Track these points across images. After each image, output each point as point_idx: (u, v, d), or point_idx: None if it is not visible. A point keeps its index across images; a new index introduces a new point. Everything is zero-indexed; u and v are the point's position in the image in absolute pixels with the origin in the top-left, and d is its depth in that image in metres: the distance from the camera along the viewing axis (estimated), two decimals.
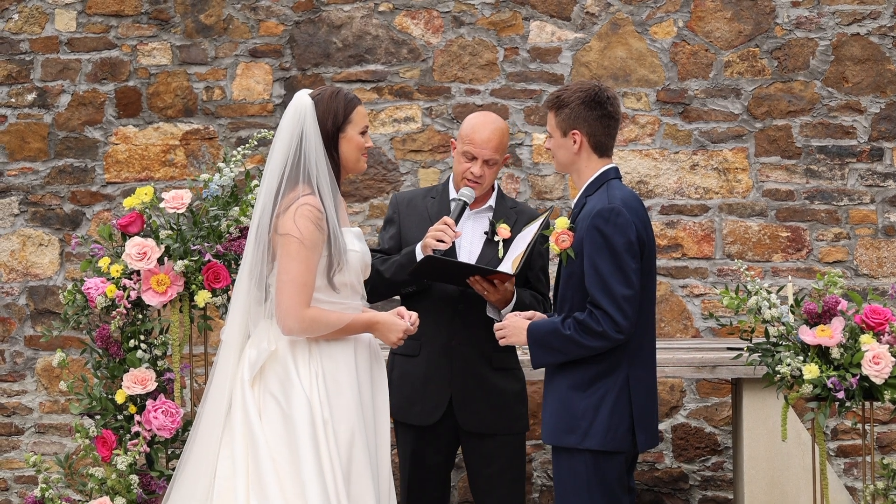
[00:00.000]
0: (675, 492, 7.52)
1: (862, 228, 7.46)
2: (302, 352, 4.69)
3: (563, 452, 4.76)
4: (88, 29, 7.79)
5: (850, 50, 7.48)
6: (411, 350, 5.40)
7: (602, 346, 4.69)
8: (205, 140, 7.73)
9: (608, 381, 4.73)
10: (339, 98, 4.81)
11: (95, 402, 5.31)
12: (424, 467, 5.46)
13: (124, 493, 5.20)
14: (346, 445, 4.63)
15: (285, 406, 4.63)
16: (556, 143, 4.91)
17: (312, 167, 4.70)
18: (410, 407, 5.41)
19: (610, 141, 4.88)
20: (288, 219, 4.63)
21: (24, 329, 7.80)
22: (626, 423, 4.73)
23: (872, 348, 4.94)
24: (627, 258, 4.68)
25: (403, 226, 5.49)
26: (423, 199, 5.53)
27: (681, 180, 7.55)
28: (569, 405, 4.73)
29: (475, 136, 5.34)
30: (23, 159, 7.81)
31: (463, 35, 7.65)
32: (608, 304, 4.65)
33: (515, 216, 5.43)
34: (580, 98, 4.86)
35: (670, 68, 7.56)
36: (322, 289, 4.70)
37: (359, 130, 4.82)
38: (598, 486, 4.72)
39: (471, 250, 5.40)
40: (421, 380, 5.39)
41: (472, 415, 5.37)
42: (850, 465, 7.43)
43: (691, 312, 7.53)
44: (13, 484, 7.81)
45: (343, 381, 4.69)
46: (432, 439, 5.43)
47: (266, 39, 7.73)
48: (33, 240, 7.80)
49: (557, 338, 4.74)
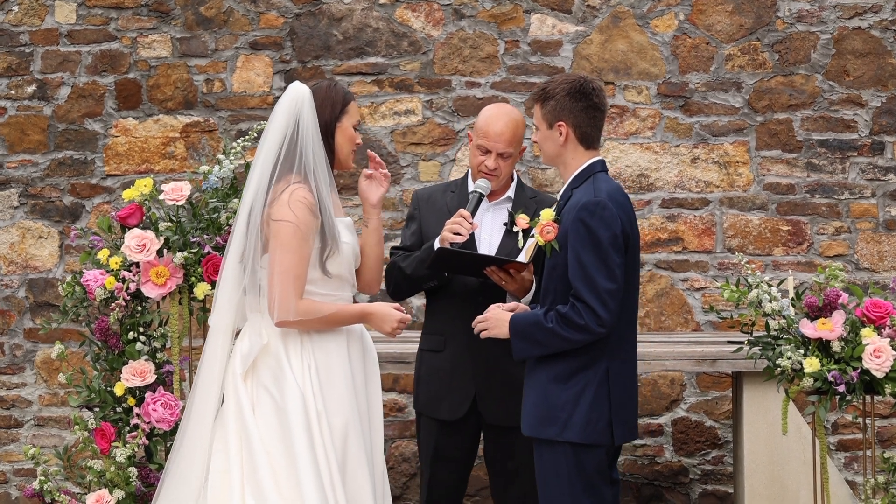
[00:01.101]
0: (675, 486, 7.51)
1: (863, 222, 7.45)
2: (294, 344, 4.68)
3: (544, 444, 4.77)
4: (88, 21, 7.77)
5: (851, 43, 7.46)
6: (437, 346, 5.44)
7: (584, 340, 4.69)
8: (205, 132, 7.72)
9: (588, 373, 4.73)
10: (336, 89, 4.84)
11: (94, 395, 5.30)
12: (447, 460, 5.47)
13: (123, 485, 5.19)
14: (340, 437, 4.63)
15: (279, 399, 4.62)
16: (542, 135, 4.89)
17: (309, 155, 4.70)
18: (438, 402, 5.42)
19: (596, 133, 4.87)
20: (282, 205, 4.62)
21: (23, 321, 7.79)
22: (605, 417, 4.73)
23: (873, 342, 4.93)
24: (612, 252, 4.67)
25: (424, 222, 5.50)
26: (443, 194, 5.54)
27: (681, 174, 7.53)
28: (549, 397, 4.73)
29: (489, 129, 5.33)
30: (22, 151, 7.80)
31: (464, 28, 7.64)
32: (591, 298, 4.64)
33: (535, 206, 5.42)
34: (565, 90, 4.85)
35: (671, 61, 7.55)
36: (314, 280, 4.69)
37: (353, 123, 4.85)
38: (579, 477, 4.72)
39: (491, 242, 5.40)
40: (447, 375, 5.41)
41: (496, 409, 5.38)
42: (851, 459, 7.42)
43: (692, 306, 7.52)
44: (12, 476, 7.81)
45: (336, 373, 4.68)
46: (456, 433, 5.44)
47: (266, 32, 7.72)
48: (33, 232, 7.79)
49: (539, 330, 4.73)
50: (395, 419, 7.58)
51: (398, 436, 7.60)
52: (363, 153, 7.43)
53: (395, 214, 7.60)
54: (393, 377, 7.51)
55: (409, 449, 7.53)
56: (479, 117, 5.43)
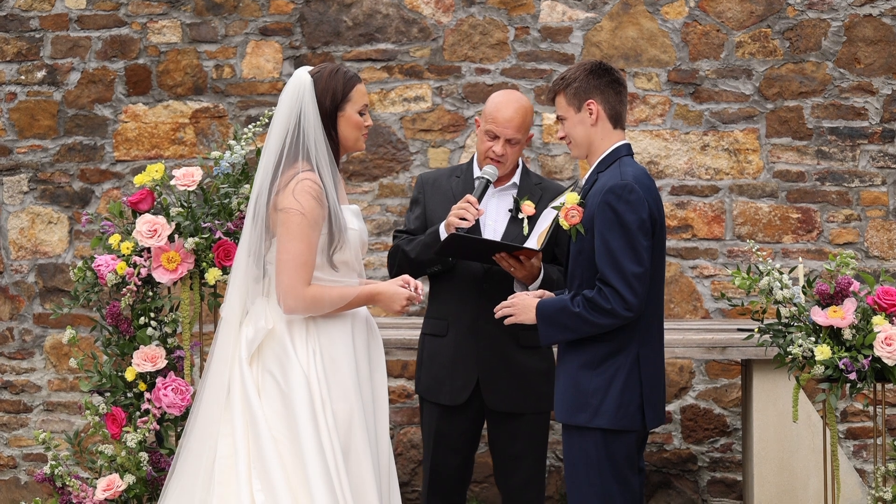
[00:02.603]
0: (684, 473, 7.51)
1: (873, 210, 7.44)
2: (299, 330, 4.68)
3: (574, 431, 4.75)
4: (98, 6, 7.77)
5: (862, 31, 7.44)
6: (439, 330, 5.43)
7: (611, 324, 4.67)
8: (214, 118, 7.71)
9: (619, 359, 4.71)
10: (338, 76, 4.76)
11: (105, 380, 5.31)
12: (450, 446, 5.46)
13: (134, 470, 5.20)
14: (344, 424, 4.62)
15: (283, 384, 4.61)
16: (570, 122, 4.84)
17: (311, 144, 4.67)
18: (440, 387, 5.42)
19: (623, 110, 4.84)
20: (288, 194, 4.61)
21: (32, 307, 7.80)
22: (636, 402, 4.71)
23: (885, 329, 4.93)
24: (639, 235, 4.65)
25: (429, 206, 5.49)
26: (448, 179, 5.53)
27: (691, 161, 7.52)
28: (579, 383, 4.72)
29: (497, 115, 5.33)
30: (32, 137, 7.80)
31: (473, 14, 7.63)
32: (618, 282, 4.62)
33: (541, 192, 5.42)
34: (585, 70, 4.82)
35: (681, 48, 7.53)
36: (321, 267, 4.67)
37: (357, 109, 4.77)
38: (608, 464, 4.71)
39: (495, 228, 5.39)
40: (449, 360, 5.40)
41: (498, 394, 5.38)
42: (860, 447, 7.42)
43: (701, 293, 7.52)
44: (22, 462, 7.82)
45: (340, 360, 4.67)
46: (459, 418, 5.44)
47: (276, 18, 7.71)
48: (42, 217, 7.79)
49: (566, 315, 4.71)
50: (404, 405, 7.59)
51: (406, 422, 7.61)
52: (375, 139, 7.44)
53: (403, 201, 7.59)
54: (402, 363, 7.51)
55: (417, 435, 7.53)
56: (487, 103, 5.42)
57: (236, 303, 4.74)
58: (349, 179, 7.56)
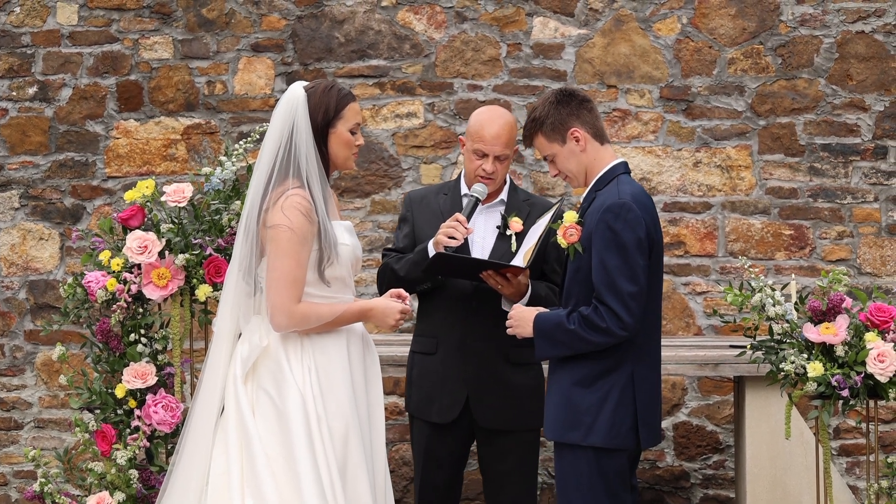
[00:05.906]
0: (677, 490, 7.49)
1: (865, 227, 7.44)
2: (294, 346, 4.66)
3: (566, 449, 4.74)
4: (90, 22, 7.76)
5: (854, 47, 7.45)
6: (428, 348, 5.42)
7: (605, 342, 4.66)
8: (206, 134, 7.71)
9: (613, 377, 4.70)
10: (331, 93, 4.74)
11: (95, 397, 5.29)
12: (439, 463, 5.45)
13: (124, 487, 5.18)
14: (340, 441, 4.60)
15: (278, 402, 4.60)
16: (561, 157, 4.85)
17: (302, 160, 4.66)
18: (429, 405, 5.41)
19: (601, 124, 4.87)
20: (277, 210, 4.59)
21: (23, 323, 7.78)
22: (629, 421, 4.70)
23: (877, 346, 4.92)
24: (636, 254, 4.65)
25: (417, 224, 5.48)
26: (436, 197, 5.52)
27: (684, 177, 7.52)
28: (572, 401, 4.71)
29: (484, 132, 5.30)
30: (23, 153, 7.79)
31: (466, 30, 7.63)
32: (613, 301, 4.62)
33: (528, 209, 5.41)
34: (552, 102, 4.84)
35: (674, 65, 7.54)
36: (313, 283, 4.66)
37: (349, 127, 4.75)
38: (601, 483, 4.69)
39: (483, 245, 5.38)
40: (439, 378, 5.39)
41: (488, 412, 5.37)
42: (853, 464, 7.40)
43: (693, 310, 7.51)
44: (12, 479, 7.79)
45: (336, 376, 4.66)
46: (448, 436, 5.42)
47: (268, 34, 7.71)
48: (33, 234, 7.78)
49: (562, 331, 4.71)
50: (396, 422, 7.57)
51: (399, 439, 7.59)
52: (367, 155, 7.43)
53: (395, 217, 7.58)
54: (394, 380, 7.49)
55: (410, 452, 7.51)
56: (471, 122, 5.38)
57: (227, 317, 4.73)
58: (341, 195, 7.55)
